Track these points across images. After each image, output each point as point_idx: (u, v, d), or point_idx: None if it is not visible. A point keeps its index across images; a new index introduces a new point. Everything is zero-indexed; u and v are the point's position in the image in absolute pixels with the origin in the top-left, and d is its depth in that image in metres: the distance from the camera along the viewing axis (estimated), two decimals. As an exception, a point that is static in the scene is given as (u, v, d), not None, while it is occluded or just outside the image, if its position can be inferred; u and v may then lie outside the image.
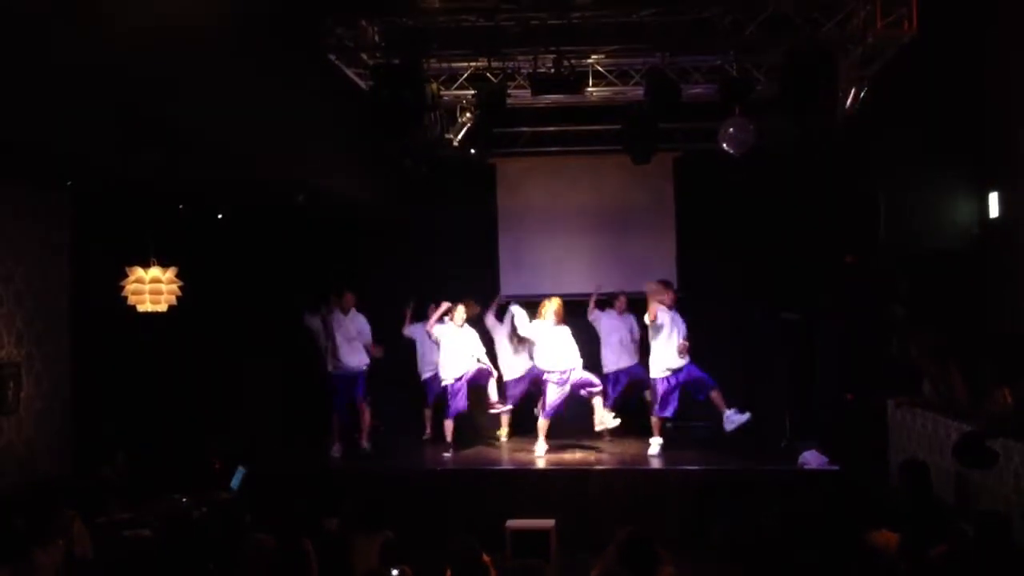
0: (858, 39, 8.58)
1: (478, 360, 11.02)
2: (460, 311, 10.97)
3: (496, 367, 11.42)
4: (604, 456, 10.72)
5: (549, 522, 9.14)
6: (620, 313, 11.64)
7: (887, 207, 9.58)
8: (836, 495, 8.97)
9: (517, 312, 11.11)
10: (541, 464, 10.49)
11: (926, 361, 8.49)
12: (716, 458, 10.44)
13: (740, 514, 8.56)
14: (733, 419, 10.37)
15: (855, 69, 8.94)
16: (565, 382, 10.64)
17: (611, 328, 11.59)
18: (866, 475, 9.34)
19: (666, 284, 10.96)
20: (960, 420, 7.63)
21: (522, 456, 10.81)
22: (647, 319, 10.57)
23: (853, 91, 9.00)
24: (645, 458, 10.58)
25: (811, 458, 9.76)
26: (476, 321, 11.39)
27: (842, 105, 9.03)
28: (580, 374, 10.70)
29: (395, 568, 6.07)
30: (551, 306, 10.77)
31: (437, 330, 10.96)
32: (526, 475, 10.22)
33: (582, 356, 10.81)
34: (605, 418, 10.74)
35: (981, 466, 6.60)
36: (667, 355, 10.53)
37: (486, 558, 6.02)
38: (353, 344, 11.10)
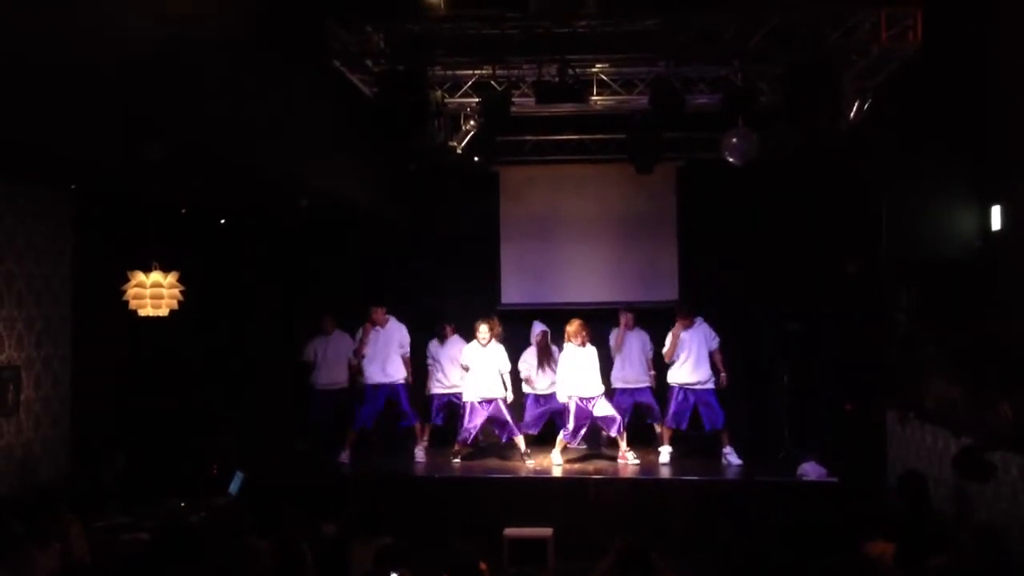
0: (862, 50, 8.59)
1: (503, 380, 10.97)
2: (483, 330, 10.91)
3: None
4: (603, 465, 10.70)
5: (547, 531, 9.14)
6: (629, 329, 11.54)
7: (889, 217, 9.57)
8: (834, 506, 8.95)
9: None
10: (557, 472, 10.45)
11: (926, 373, 8.47)
12: (715, 468, 10.48)
13: (738, 525, 8.56)
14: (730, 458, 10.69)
15: (859, 80, 8.95)
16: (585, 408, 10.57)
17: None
18: (865, 486, 9.33)
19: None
20: (959, 432, 7.62)
21: (521, 464, 10.78)
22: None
23: (857, 102, 9.00)
24: (644, 467, 10.59)
25: (810, 469, 9.76)
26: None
27: (845, 116, 9.03)
28: (604, 408, 10.59)
29: (394, 572, 6.07)
30: (570, 327, 10.73)
31: (466, 352, 11.00)
32: (525, 483, 10.20)
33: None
34: (628, 455, 10.75)
35: (979, 478, 6.59)
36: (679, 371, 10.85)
37: (483, 566, 6.03)
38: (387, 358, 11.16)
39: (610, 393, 11.02)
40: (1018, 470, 6.77)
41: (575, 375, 10.55)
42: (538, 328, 11.50)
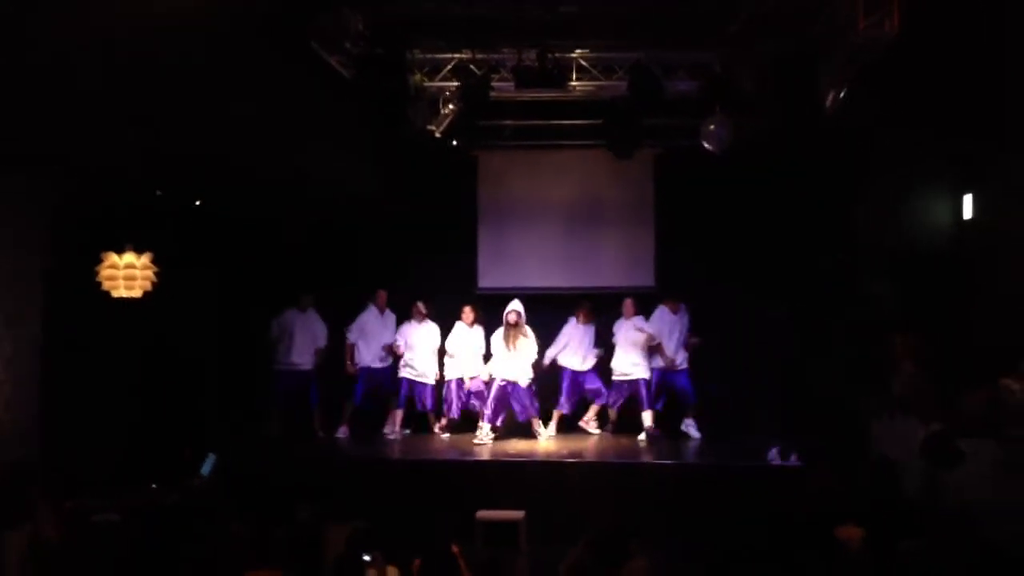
0: (840, 39, 8.60)
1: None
2: (467, 311, 11.49)
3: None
4: (580, 448, 10.76)
5: (519, 513, 9.12)
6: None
7: (866, 206, 9.61)
8: (803, 491, 9.00)
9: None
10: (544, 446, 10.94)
11: (899, 361, 8.53)
12: (688, 453, 10.56)
13: (711, 509, 8.60)
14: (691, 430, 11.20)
15: (837, 69, 8.96)
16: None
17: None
18: (836, 472, 9.37)
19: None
20: (929, 419, 7.67)
21: (498, 447, 10.83)
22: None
23: (834, 91, 9.01)
24: (620, 451, 10.66)
25: (778, 454, 9.79)
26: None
27: (824, 104, 9.05)
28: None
29: (367, 554, 6.07)
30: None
31: (452, 335, 11.50)
32: (501, 466, 10.21)
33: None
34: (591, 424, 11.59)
35: (948, 465, 6.65)
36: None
37: (455, 548, 6.03)
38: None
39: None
40: (988, 455, 6.83)
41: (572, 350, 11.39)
42: (512, 307, 11.32)
